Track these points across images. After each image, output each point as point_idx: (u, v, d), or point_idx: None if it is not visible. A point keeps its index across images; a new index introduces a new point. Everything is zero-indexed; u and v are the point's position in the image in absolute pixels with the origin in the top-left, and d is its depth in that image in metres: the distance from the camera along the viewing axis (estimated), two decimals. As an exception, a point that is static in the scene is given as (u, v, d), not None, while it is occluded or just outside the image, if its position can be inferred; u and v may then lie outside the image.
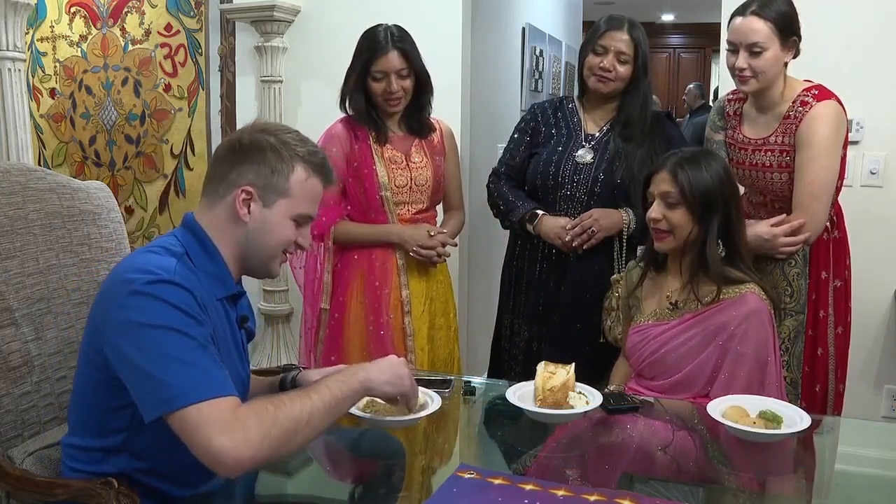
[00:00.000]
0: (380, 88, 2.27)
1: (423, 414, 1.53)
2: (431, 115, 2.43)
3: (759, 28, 2.01)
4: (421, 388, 1.60)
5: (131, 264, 1.33)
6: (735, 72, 2.06)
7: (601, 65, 2.27)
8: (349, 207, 2.37)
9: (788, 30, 2.03)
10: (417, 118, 2.38)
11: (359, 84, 2.29)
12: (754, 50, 2.01)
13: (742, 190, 2.14)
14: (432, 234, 2.34)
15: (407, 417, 1.52)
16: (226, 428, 1.17)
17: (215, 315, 1.37)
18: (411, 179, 2.35)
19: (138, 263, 1.31)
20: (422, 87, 2.34)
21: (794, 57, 2.10)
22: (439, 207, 2.53)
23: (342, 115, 2.40)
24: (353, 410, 1.51)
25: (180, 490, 1.40)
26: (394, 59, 2.25)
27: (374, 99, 2.31)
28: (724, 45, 2.16)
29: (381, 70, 2.25)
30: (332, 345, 2.37)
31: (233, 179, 1.41)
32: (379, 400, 1.56)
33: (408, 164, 2.35)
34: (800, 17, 2.08)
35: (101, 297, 1.35)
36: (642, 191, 1.92)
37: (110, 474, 1.35)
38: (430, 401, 1.57)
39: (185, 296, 1.28)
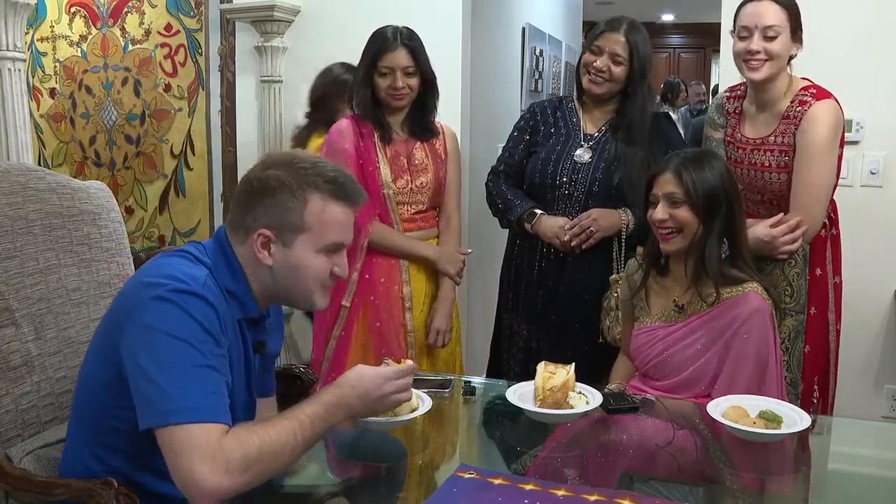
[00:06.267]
0: (385, 83, 2.28)
1: (413, 415, 1.53)
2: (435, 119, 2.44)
3: (774, 12, 2.00)
4: (412, 389, 1.60)
5: (161, 268, 1.32)
6: (745, 57, 2.03)
7: (595, 64, 2.28)
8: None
9: (797, 22, 2.04)
10: (421, 121, 2.38)
11: (366, 79, 2.31)
12: (769, 34, 2.00)
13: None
14: (462, 253, 2.43)
15: (397, 419, 1.52)
16: (209, 456, 1.17)
17: (231, 335, 1.37)
18: (412, 181, 2.35)
19: (169, 268, 1.31)
20: (428, 89, 2.35)
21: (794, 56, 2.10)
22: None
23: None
24: None
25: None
26: (400, 56, 2.27)
27: (379, 94, 2.31)
28: (724, 44, 2.15)
29: (387, 66, 2.27)
30: (343, 343, 2.37)
31: (249, 225, 1.38)
32: None
33: (409, 166, 2.35)
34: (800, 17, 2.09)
35: (125, 295, 1.35)
36: (645, 193, 1.92)
37: (111, 471, 1.35)
38: (422, 402, 1.57)
39: (208, 311, 1.28)
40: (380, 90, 2.30)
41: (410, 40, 2.29)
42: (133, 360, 1.25)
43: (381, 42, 2.29)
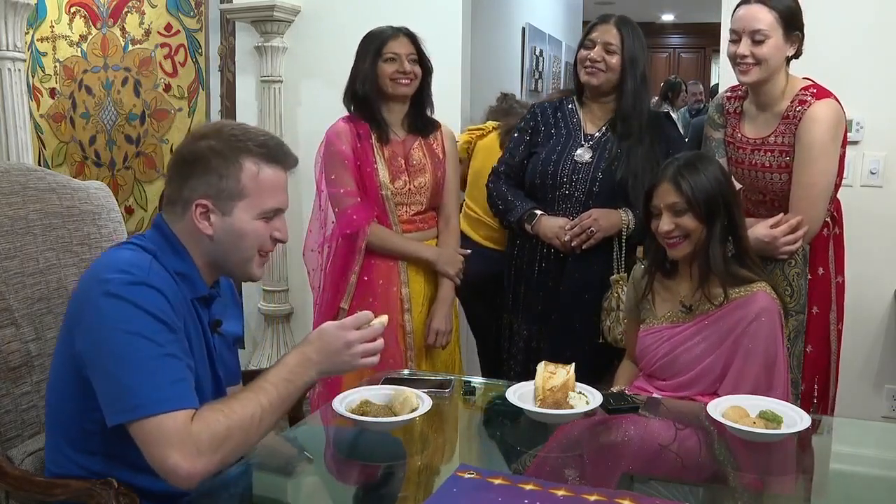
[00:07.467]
0: (391, 69, 2.30)
1: (413, 415, 1.53)
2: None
3: (763, 16, 2.01)
4: (411, 389, 1.61)
5: (107, 263, 1.32)
6: (736, 60, 2.05)
7: (589, 56, 2.29)
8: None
9: (792, 23, 2.03)
10: (420, 116, 2.39)
11: (370, 69, 2.31)
12: (757, 38, 2.01)
13: (738, 186, 2.14)
14: (461, 254, 2.43)
15: (397, 419, 1.52)
16: (180, 443, 1.20)
17: (187, 316, 1.37)
18: (410, 181, 2.35)
19: (114, 262, 1.31)
20: (424, 81, 2.36)
21: (797, 56, 2.09)
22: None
23: (341, 115, 2.40)
24: (345, 412, 1.52)
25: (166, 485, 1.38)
26: (405, 43, 2.31)
27: (384, 83, 2.31)
28: (724, 44, 2.15)
29: (393, 52, 2.30)
30: None
31: (186, 197, 1.37)
32: (371, 401, 1.57)
33: (407, 167, 2.35)
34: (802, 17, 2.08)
35: (77, 295, 1.35)
36: (643, 203, 1.92)
37: (93, 474, 1.34)
38: (422, 402, 1.57)
39: (157, 298, 1.28)
40: (385, 78, 2.31)
41: (409, 32, 2.34)
42: (92, 360, 1.26)
43: (382, 34, 2.32)
